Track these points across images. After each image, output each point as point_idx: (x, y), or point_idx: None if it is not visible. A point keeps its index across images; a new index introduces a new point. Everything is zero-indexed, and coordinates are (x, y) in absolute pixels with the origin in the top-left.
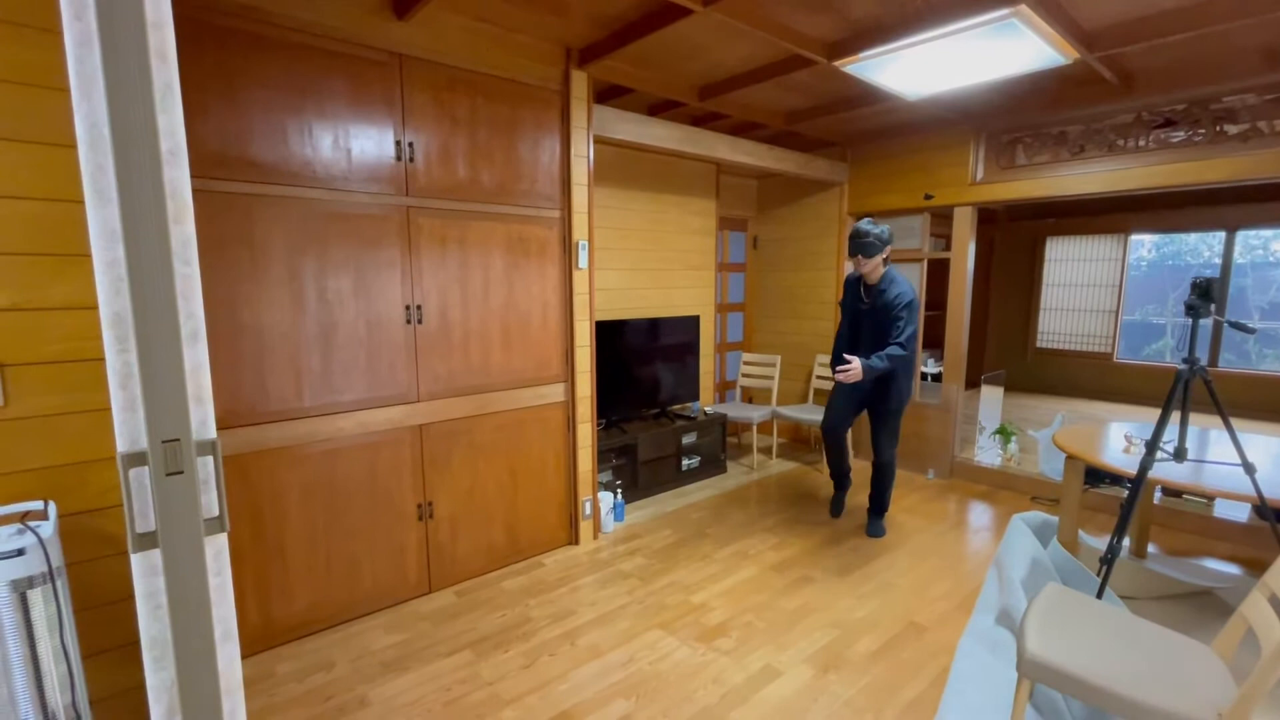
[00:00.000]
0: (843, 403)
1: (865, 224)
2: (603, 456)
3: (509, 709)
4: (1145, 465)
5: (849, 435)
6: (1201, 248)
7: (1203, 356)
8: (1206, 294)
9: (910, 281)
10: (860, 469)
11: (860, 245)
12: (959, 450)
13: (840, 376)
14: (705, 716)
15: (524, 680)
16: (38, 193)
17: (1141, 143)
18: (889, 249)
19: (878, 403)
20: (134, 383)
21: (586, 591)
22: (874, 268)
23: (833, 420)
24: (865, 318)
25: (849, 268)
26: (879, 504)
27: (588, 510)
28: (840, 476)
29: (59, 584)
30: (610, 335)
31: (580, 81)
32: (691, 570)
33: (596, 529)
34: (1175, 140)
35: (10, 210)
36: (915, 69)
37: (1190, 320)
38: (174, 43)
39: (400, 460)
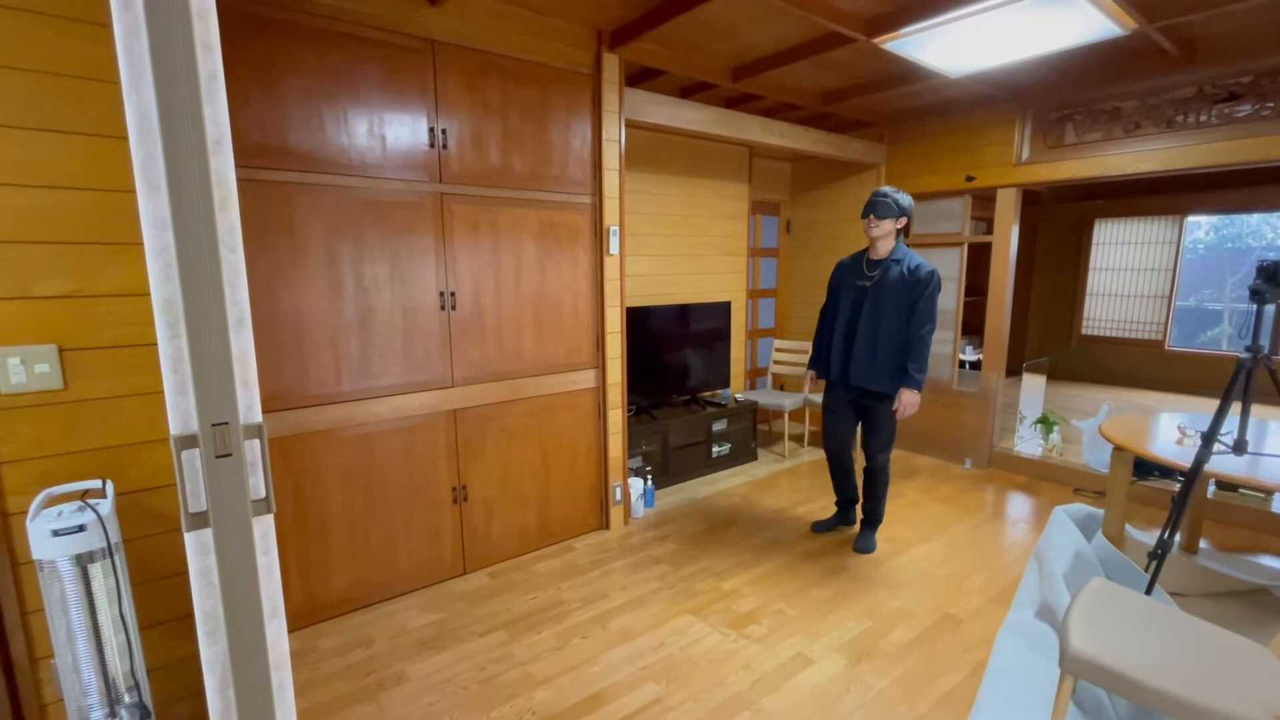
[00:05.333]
0: (842, 407)
1: (886, 188)
2: (633, 442)
3: (541, 689)
4: (1201, 458)
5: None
6: (1265, 229)
7: (1266, 344)
8: (1274, 278)
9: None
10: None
11: (872, 204)
12: (998, 440)
13: (905, 413)
14: (736, 703)
15: (556, 661)
16: (91, 183)
17: (1203, 118)
18: (905, 221)
19: (873, 397)
20: (184, 367)
21: (618, 576)
22: (885, 234)
23: (837, 433)
24: (868, 296)
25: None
26: (872, 515)
27: (618, 495)
28: (848, 502)
29: (117, 559)
30: (641, 321)
31: (611, 64)
32: (722, 557)
33: (627, 514)
34: (1240, 115)
35: (67, 200)
36: (959, 45)
37: (1255, 306)
38: (218, 32)
39: (435, 444)
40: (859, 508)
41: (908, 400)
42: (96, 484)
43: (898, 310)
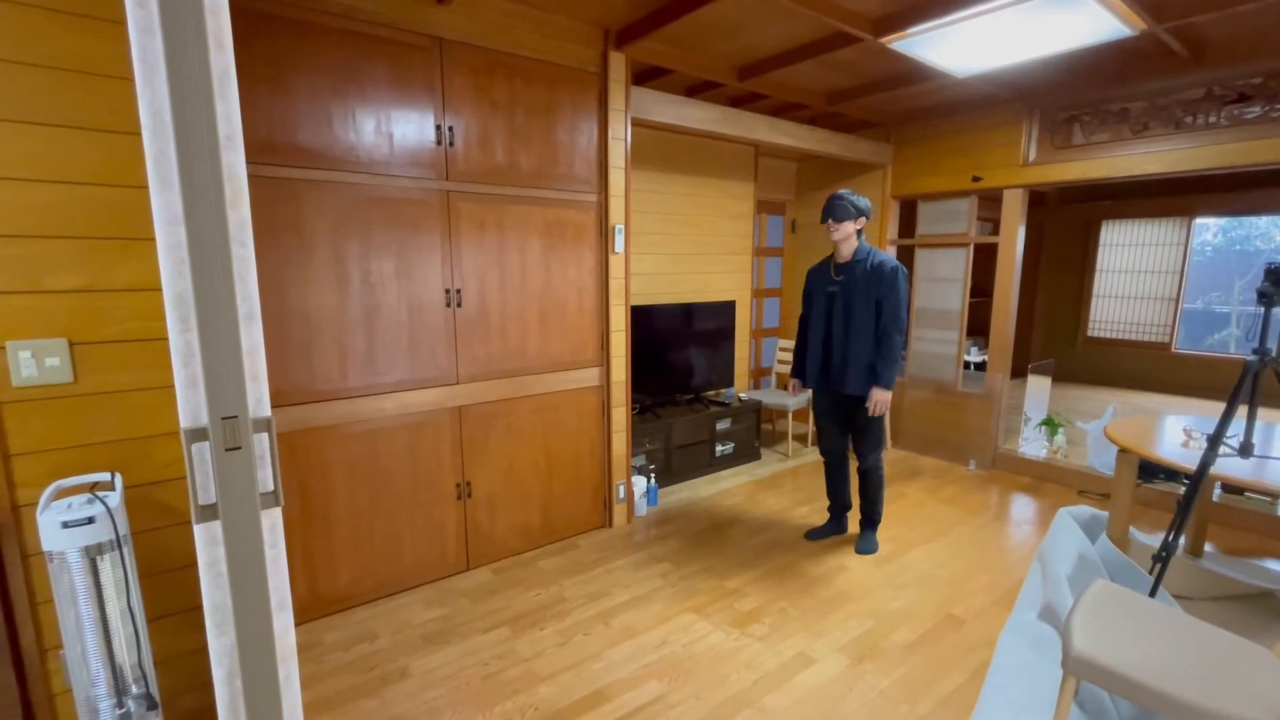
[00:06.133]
0: (829, 412)
1: (842, 191)
2: (637, 441)
3: (545, 685)
4: (1207, 460)
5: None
6: (1273, 231)
7: (1273, 347)
8: None
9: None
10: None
11: (829, 208)
12: (1003, 441)
13: (876, 410)
14: (738, 701)
15: (559, 658)
16: (103, 179)
17: (1212, 119)
18: (864, 221)
19: (853, 400)
20: (195, 361)
21: (620, 573)
22: (846, 236)
23: (829, 437)
24: (838, 300)
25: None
26: (870, 516)
27: (622, 494)
28: (841, 508)
29: (125, 551)
30: (645, 320)
31: (618, 63)
32: (725, 556)
33: (630, 512)
34: (1250, 116)
35: (79, 196)
36: (967, 44)
37: (1262, 309)
38: (230, 29)
39: (440, 441)
40: (852, 515)
41: (878, 398)
42: (105, 477)
43: (867, 310)
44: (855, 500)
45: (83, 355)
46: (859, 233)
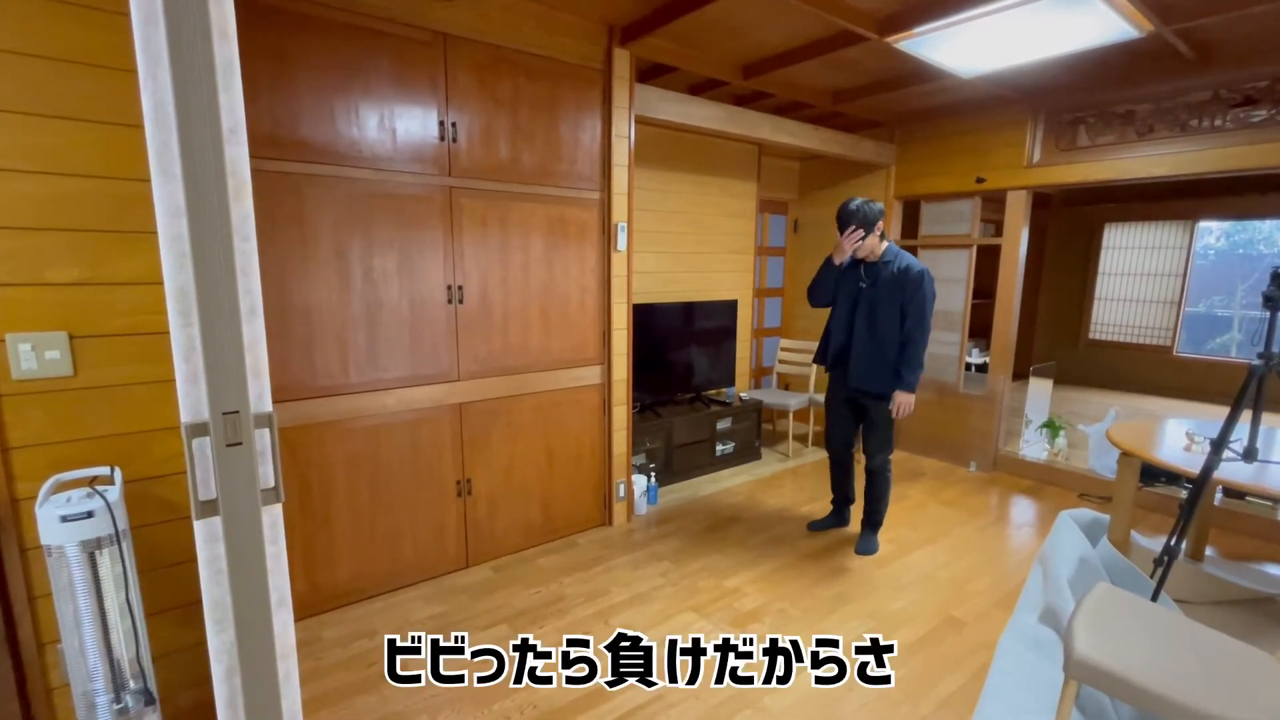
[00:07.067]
0: (842, 406)
1: (851, 205)
2: (637, 439)
3: (543, 683)
4: (1211, 465)
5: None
6: (1277, 235)
7: (1279, 351)
8: None
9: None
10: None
11: (852, 220)
12: (1004, 443)
13: (900, 414)
14: (738, 700)
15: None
16: (105, 171)
17: (1218, 122)
18: (880, 227)
19: (869, 397)
20: (196, 355)
21: (620, 572)
22: (870, 248)
23: (838, 431)
24: (864, 298)
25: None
26: (872, 517)
27: (622, 492)
28: (844, 501)
29: (124, 545)
30: (647, 318)
31: (622, 60)
32: (725, 555)
33: (630, 511)
34: (1256, 120)
35: (80, 188)
36: (972, 45)
37: (1268, 312)
38: (234, 20)
39: (441, 438)
40: (854, 510)
41: (901, 401)
42: (105, 471)
43: (892, 313)
44: (858, 496)
45: (83, 348)
46: (882, 235)
